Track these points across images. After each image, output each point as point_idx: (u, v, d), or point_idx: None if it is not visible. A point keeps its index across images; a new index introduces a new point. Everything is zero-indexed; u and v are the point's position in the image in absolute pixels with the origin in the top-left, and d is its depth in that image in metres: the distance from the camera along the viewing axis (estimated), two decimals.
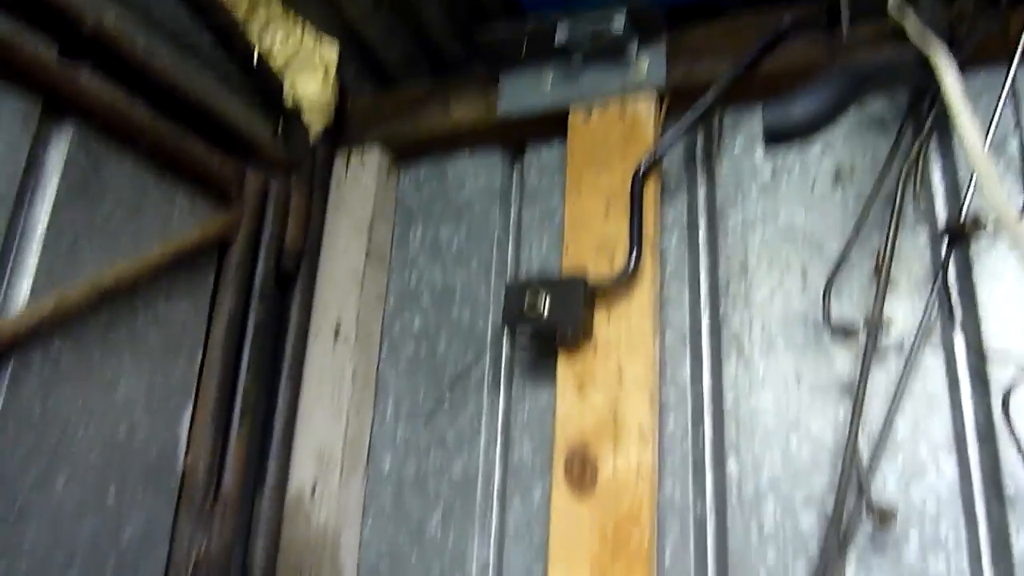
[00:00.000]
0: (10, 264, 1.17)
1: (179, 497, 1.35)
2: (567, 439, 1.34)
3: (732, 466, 1.31)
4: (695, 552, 1.30)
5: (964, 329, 1.22)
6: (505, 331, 1.54)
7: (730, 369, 1.35)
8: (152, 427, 1.32)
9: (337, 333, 1.60)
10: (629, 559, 1.25)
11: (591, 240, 1.42)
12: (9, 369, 1.11)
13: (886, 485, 1.20)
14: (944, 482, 1.18)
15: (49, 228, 1.20)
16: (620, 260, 1.37)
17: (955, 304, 1.23)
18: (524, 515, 1.42)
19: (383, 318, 1.67)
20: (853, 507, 1.19)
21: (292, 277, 1.61)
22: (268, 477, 1.51)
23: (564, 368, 1.37)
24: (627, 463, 1.29)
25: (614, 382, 1.33)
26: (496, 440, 1.50)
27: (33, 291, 1.16)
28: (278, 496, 1.51)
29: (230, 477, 1.41)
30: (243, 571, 1.47)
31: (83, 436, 1.21)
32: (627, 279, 1.35)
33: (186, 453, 1.37)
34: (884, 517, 1.14)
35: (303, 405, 1.58)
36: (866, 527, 1.19)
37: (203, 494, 1.36)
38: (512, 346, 1.54)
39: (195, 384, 1.41)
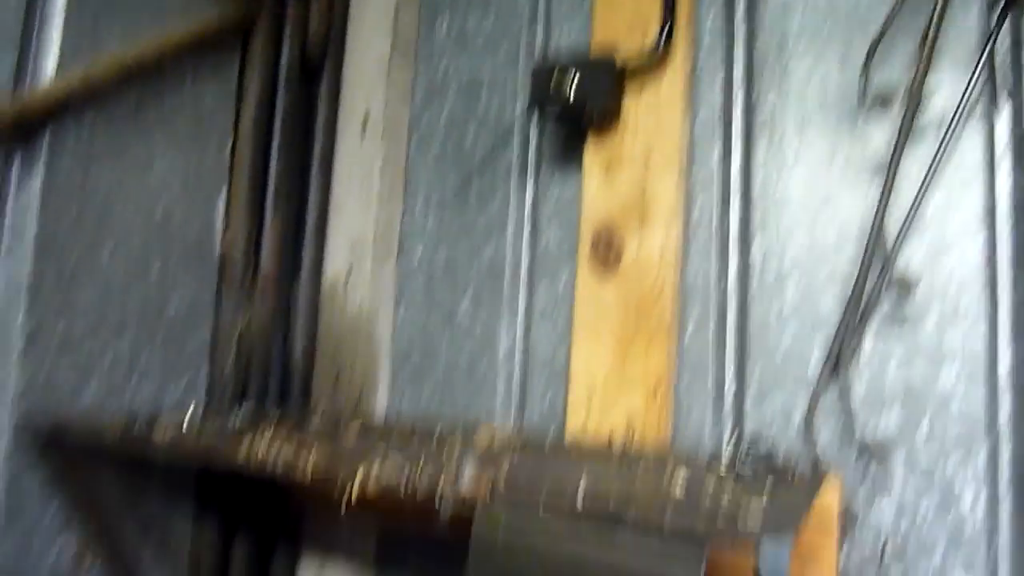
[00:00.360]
0: (34, 40, 1.18)
1: (220, 277, 1.42)
2: (593, 221, 1.35)
3: (757, 248, 1.32)
4: (715, 331, 1.33)
5: (1012, 99, 1.17)
6: (534, 119, 1.52)
7: (761, 150, 1.32)
8: (188, 209, 1.37)
9: (365, 125, 1.60)
10: (650, 334, 1.29)
11: (623, 18, 1.37)
12: (46, 140, 1.14)
13: (911, 261, 1.20)
14: (970, 258, 1.18)
15: (68, 5, 1.19)
16: (652, 39, 1.32)
17: (1002, 76, 1.18)
18: (550, 299, 1.47)
19: (411, 111, 1.66)
20: (875, 282, 1.20)
21: (318, 66, 1.59)
22: (304, 264, 1.57)
23: (592, 150, 1.36)
24: (651, 244, 1.31)
25: (642, 164, 1.32)
26: (524, 227, 1.52)
27: (59, 67, 1.17)
28: (314, 282, 1.58)
29: (267, 260, 1.47)
30: (284, 352, 1.56)
31: (123, 212, 1.25)
32: (658, 58, 1.31)
33: (223, 235, 1.43)
34: (905, 287, 1.15)
35: (335, 195, 1.61)
36: (885, 303, 1.21)
37: (241, 274, 1.42)
38: (540, 134, 1.52)
39: (228, 170, 1.44)
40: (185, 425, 1.12)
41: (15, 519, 1.11)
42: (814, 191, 1.28)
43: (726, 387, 1.31)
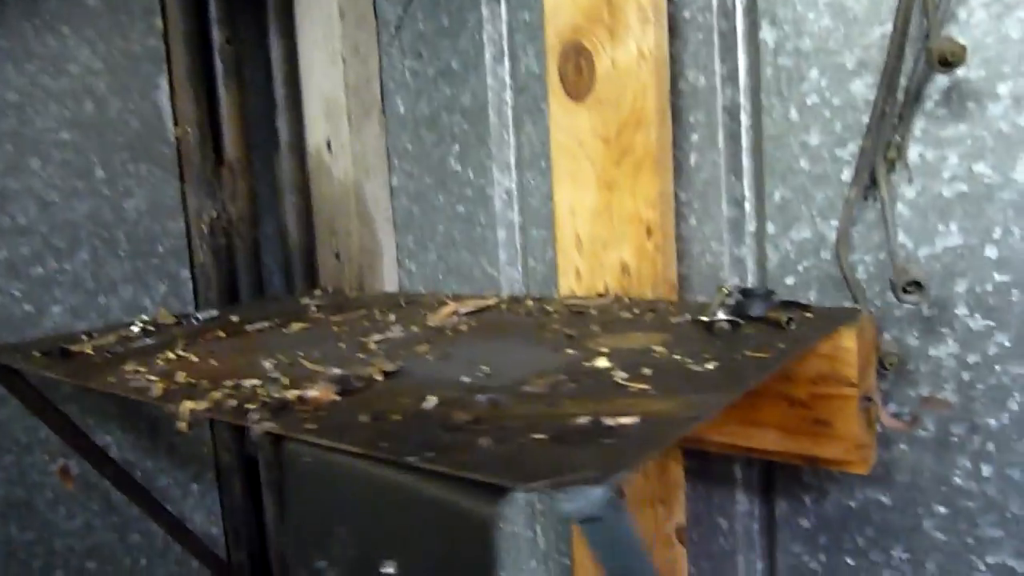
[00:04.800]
0: None
1: (180, 168, 1.32)
2: (558, 34, 1.09)
3: (766, 35, 1.01)
4: (726, 145, 1.07)
5: None
6: None
7: None
8: (126, 99, 1.25)
9: None
10: (636, 165, 1.05)
11: None
12: None
13: (970, 23, 0.87)
14: None
15: None
16: None
17: None
18: (538, 138, 1.25)
19: None
20: (916, 59, 0.88)
21: None
22: (281, 136, 1.43)
23: None
24: (627, 53, 1.04)
25: None
26: (503, 55, 1.28)
27: None
28: (296, 154, 1.44)
29: (231, 140, 1.34)
30: (280, 228, 1.47)
31: (44, 116, 1.16)
32: None
33: (175, 122, 1.31)
34: (954, 58, 0.82)
35: (303, 55, 1.43)
36: (934, 88, 0.89)
37: (202, 161, 1.32)
38: None
39: (163, 49, 1.30)
40: (106, 340, 1.05)
41: (5, 443, 1.13)
42: None
43: (744, 219, 1.07)
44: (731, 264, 1.08)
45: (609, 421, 0.54)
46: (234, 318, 1.15)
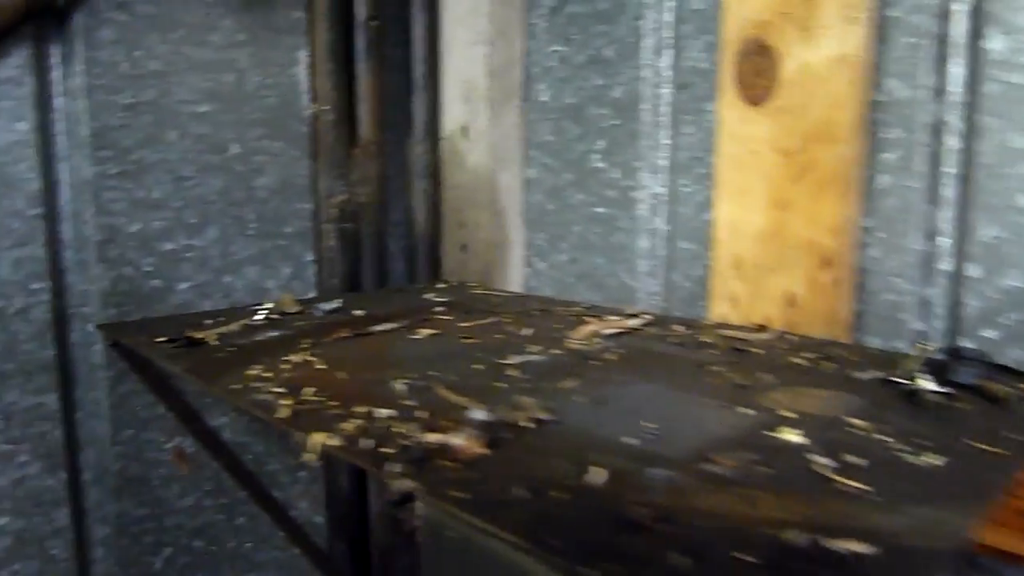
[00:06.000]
0: None
1: (314, 147, 1.27)
2: (738, 28, 0.97)
3: (996, 44, 0.86)
4: (926, 173, 0.92)
5: None
6: None
7: None
8: (264, 73, 1.21)
9: None
10: (821, 184, 0.92)
11: None
12: (80, 24, 1.03)
13: None
14: None
15: None
16: None
17: None
18: (698, 140, 1.12)
19: None
20: None
21: None
22: (415, 118, 1.36)
23: None
24: (822, 55, 0.90)
25: None
26: (663, 48, 1.16)
27: None
28: (430, 138, 1.37)
29: (366, 119, 1.28)
30: (406, 224, 1.40)
31: (183, 89, 1.13)
32: None
33: (312, 99, 1.26)
34: None
35: (444, 34, 1.35)
36: None
37: (336, 141, 1.26)
38: None
39: (305, 21, 1.24)
40: (229, 329, 0.99)
41: (124, 418, 1.12)
42: None
43: (938, 255, 0.92)
44: (917, 306, 0.94)
45: (833, 544, 0.44)
46: (358, 313, 1.09)
